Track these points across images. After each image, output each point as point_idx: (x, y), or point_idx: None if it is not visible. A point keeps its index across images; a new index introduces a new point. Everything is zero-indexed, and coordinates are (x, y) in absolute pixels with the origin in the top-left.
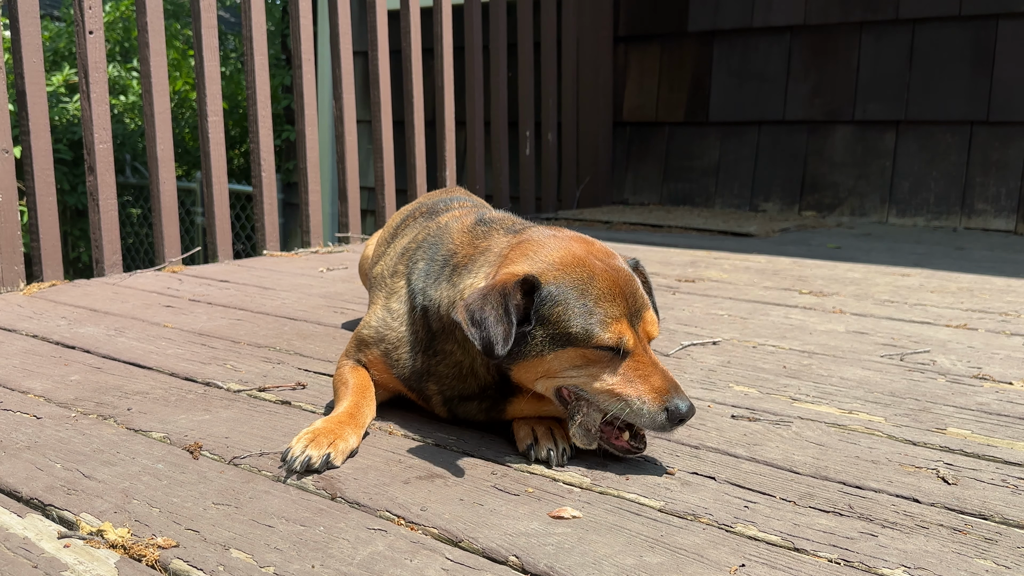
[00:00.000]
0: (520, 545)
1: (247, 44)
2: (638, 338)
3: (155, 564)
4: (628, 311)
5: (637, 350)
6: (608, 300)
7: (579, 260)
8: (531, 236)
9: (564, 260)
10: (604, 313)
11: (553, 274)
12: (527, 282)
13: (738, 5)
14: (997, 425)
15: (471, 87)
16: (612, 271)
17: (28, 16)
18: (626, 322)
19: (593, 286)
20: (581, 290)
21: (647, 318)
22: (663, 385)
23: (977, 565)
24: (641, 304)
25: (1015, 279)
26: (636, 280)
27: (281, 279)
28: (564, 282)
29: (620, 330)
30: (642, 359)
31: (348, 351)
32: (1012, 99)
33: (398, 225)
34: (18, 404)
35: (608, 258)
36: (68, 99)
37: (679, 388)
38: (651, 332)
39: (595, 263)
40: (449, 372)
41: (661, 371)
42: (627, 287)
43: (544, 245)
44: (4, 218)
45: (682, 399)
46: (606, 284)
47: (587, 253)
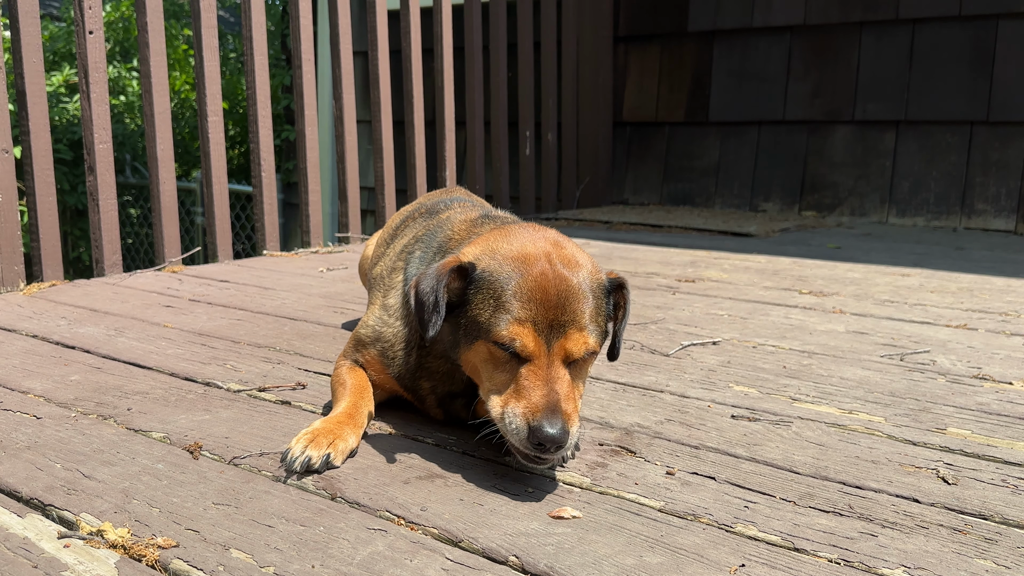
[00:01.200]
0: (520, 545)
1: (247, 44)
2: (547, 350)
3: (155, 564)
4: (544, 318)
5: (538, 360)
6: (525, 301)
7: (523, 256)
8: (507, 227)
9: (510, 252)
10: (514, 311)
11: (490, 262)
12: (463, 267)
13: (738, 5)
14: (997, 425)
15: (471, 87)
16: (551, 277)
17: (28, 16)
18: (531, 327)
19: (519, 283)
20: (505, 283)
21: (571, 335)
22: (540, 403)
23: (977, 565)
24: (568, 319)
25: (1015, 279)
26: (581, 296)
27: (281, 279)
28: (495, 272)
29: (518, 332)
30: (538, 372)
31: (346, 351)
32: (1012, 99)
33: (398, 225)
34: (18, 404)
35: (563, 266)
36: (68, 99)
37: (557, 411)
38: (570, 350)
39: (539, 264)
40: (439, 367)
41: (550, 388)
42: (558, 296)
43: (508, 236)
44: (4, 218)
45: (552, 423)
46: (533, 285)
47: (540, 253)
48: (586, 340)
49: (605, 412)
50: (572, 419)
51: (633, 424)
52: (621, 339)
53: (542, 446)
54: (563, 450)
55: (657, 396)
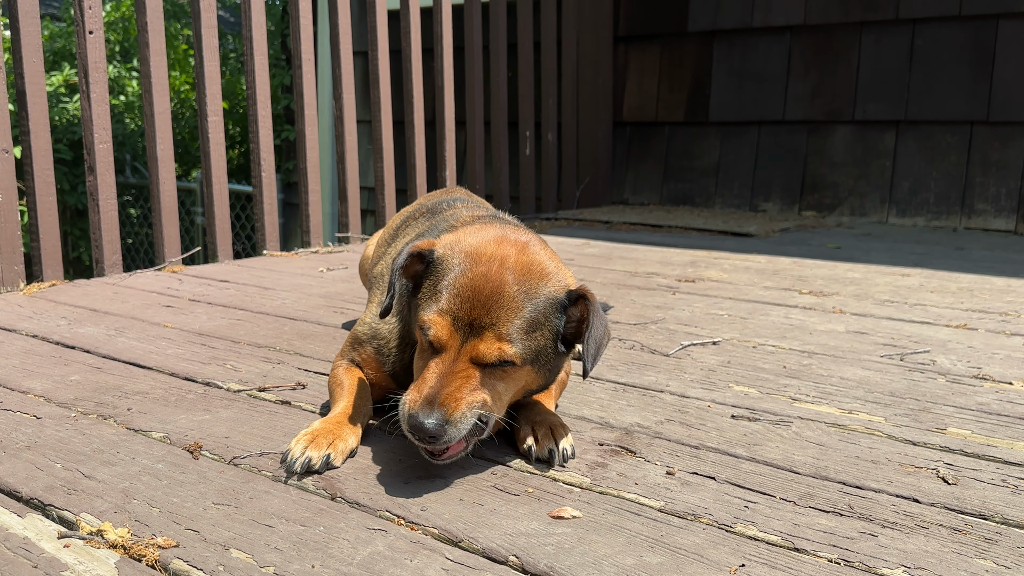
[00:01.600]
0: (520, 545)
1: (247, 44)
2: (458, 345)
3: (155, 564)
4: (465, 315)
5: (446, 353)
6: (454, 295)
7: (477, 253)
8: (488, 224)
9: (467, 246)
10: (442, 301)
11: (447, 251)
12: (421, 252)
13: (738, 5)
14: (997, 425)
15: (471, 87)
16: (490, 278)
17: (28, 16)
18: (448, 320)
19: (457, 276)
20: (447, 273)
21: (486, 338)
22: (425, 392)
23: (977, 565)
24: (490, 322)
25: (1015, 279)
26: (515, 304)
27: (281, 279)
28: (446, 261)
29: (435, 321)
30: (440, 365)
31: (343, 351)
32: (1012, 99)
33: (399, 226)
34: (18, 404)
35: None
36: (68, 99)
37: (434, 402)
38: (480, 351)
39: (488, 263)
40: None
41: (441, 381)
42: (488, 298)
43: (480, 232)
44: (4, 218)
45: (426, 414)
46: (468, 281)
47: (497, 254)
48: (501, 347)
49: (605, 412)
50: (455, 409)
51: (633, 424)
52: (591, 355)
53: (415, 434)
54: (439, 442)
55: (657, 396)
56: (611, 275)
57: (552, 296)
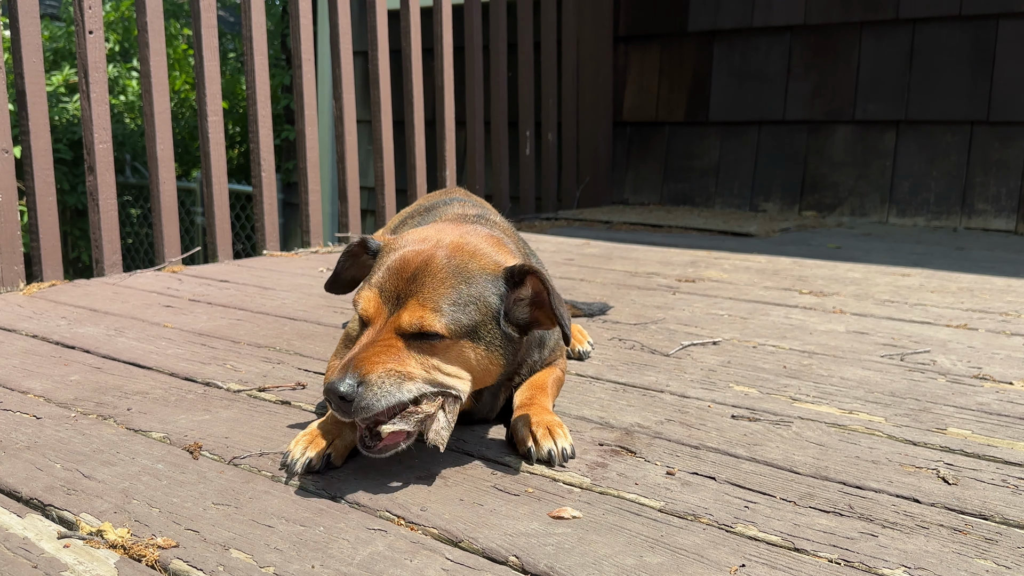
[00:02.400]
0: (520, 545)
1: (247, 44)
2: (385, 318)
3: (155, 564)
4: (392, 288)
5: (372, 326)
6: (385, 269)
7: (416, 238)
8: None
9: (411, 235)
10: (373, 278)
11: (391, 241)
12: (366, 241)
13: (738, 5)
14: (997, 425)
15: (471, 87)
16: (419, 254)
17: (28, 16)
18: (375, 292)
19: (391, 255)
20: (384, 256)
21: (408, 306)
22: (346, 361)
23: (977, 565)
24: (412, 291)
25: (1015, 279)
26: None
27: (281, 279)
28: (387, 247)
29: (363, 295)
30: (365, 337)
31: (337, 350)
32: (1012, 99)
33: (396, 226)
34: (18, 404)
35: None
36: (68, 99)
37: (349, 366)
38: (402, 319)
39: (423, 244)
40: None
41: (361, 350)
42: (415, 270)
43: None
44: (4, 218)
45: (339, 378)
46: (398, 257)
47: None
48: (423, 315)
49: (605, 412)
50: (369, 371)
51: (633, 424)
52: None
53: (329, 400)
54: (355, 405)
55: (657, 396)
56: (611, 275)
57: (486, 271)
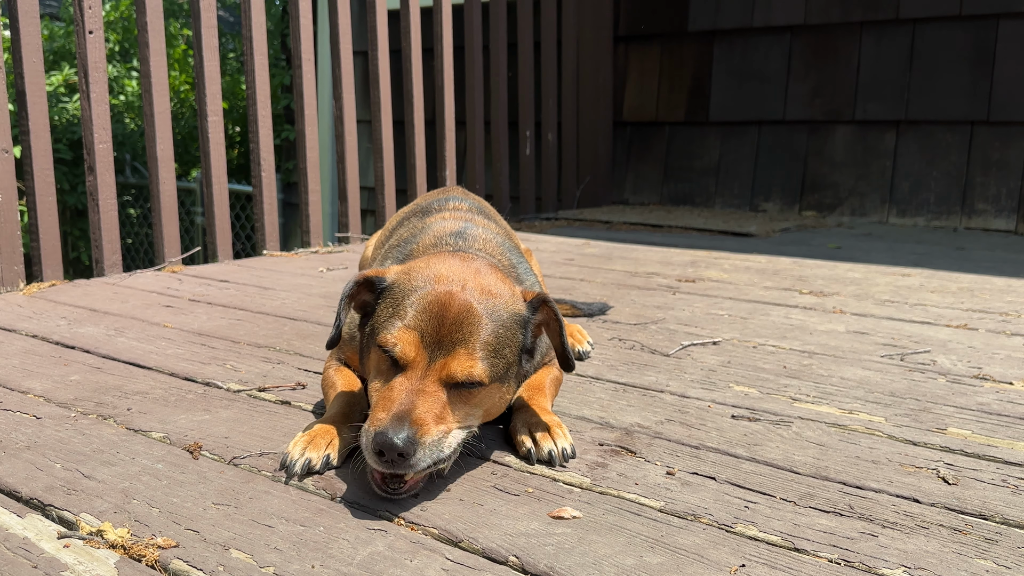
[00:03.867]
0: (520, 545)
1: (247, 44)
2: (427, 363)
3: (155, 564)
4: (433, 332)
5: (413, 372)
6: (420, 311)
7: (435, 276)
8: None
9: (424, 271)
10: (406, 317)
11: (402, 276)
12: (369, 280)
13: (738, 5)
14: (997, 425)
15: (471, 87)
16: (455, 296)
17: (28, 16)
18: (416, 336)
19: (421, 295)
20: (409, 293)
21: (457, 354)
22: (398, 411)
23: (977, 565)
24: (460, 339)
25: (1015, 279)
26: (482, 322)
27: (281, 279)
28: (403, 284)
29: (401, 336)
30: (407, 383)
31: (332, 352)
32: (1012, 99)
33: (395, 226)
34: (18, 404)
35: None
36: (68, 99)
37: (405, 418)
38: (452, 369)
39: (448, 284)
40: None
41: (410, 399)
42: (456, 315)
43: (434, 260)
44: (4, 218)
45: (396, 430)
46: (432, 299)
47: (455, 277)
48: (472, 365)
49: (605, 412)
50: (426, 432)
51: (633, 424)
52: (568, 349)
53: (381, 454)
54: (408, 462)
55: (657, 396)
56: (611, 275)
57: (516, 314)
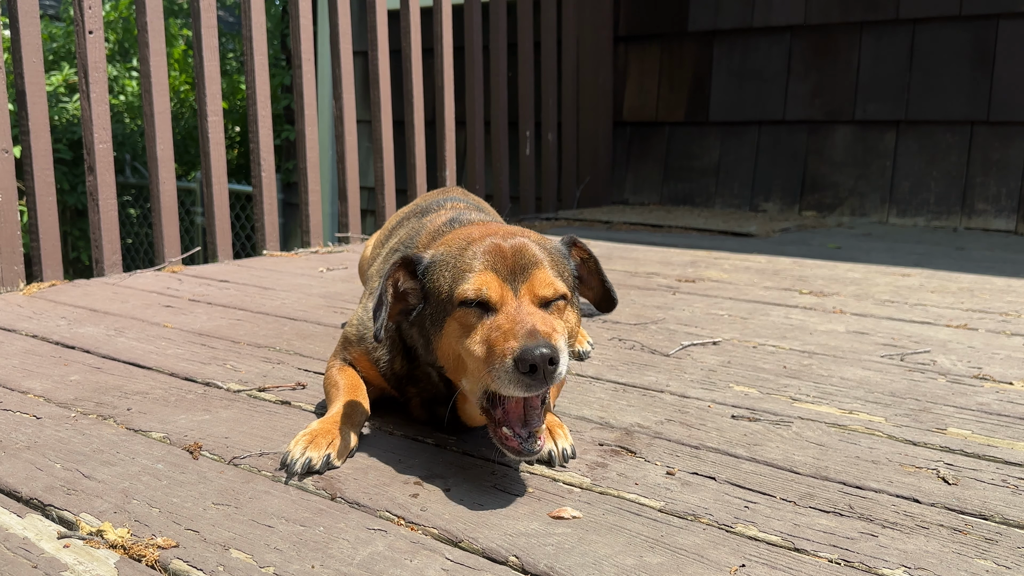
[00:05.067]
0: (520, 545)
1: (247, 44)
2: (515, 294)
3: (155, 564)
4: (504, 266)
5: (507, 305)
6: (482, 256)
7: (465, 235)
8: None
9: (457, 237)
10: (475, 267)
11: (441, 250)
12: (407, 261)
13: (738, 5)
14: (997, 425)
15: (471, 87)
16: (502, 240)
17: (28, 16)
18: (492, 274)
19: (473, 249)
20: (459, 254)
21: (536, 275)
22: (518, 331)
23: (977, 565)
24: (529, 262)
25: (1015, 279)
26: (534, 248)
27: (281, 279)
28: (446, 253)
29: (481, 280)
30: (513, 315)
31: (336, 351)
32: (1012, 99)
33: (394, 226)
34: (18, 404)
35: (502, 236)
36: (68, 99)
37: (536, 332)
38: (537, 289)
39: (479, 237)
40: (427, 376)
41: (524, 320)
42: (513, 249)
43: (459, 231)
44: (4, 218)
45: (535, 343)
46: (486, 248)
47: (487, 233)
48: (552, 280)
49: (605, 412)
50: (555, 338)
51: (633, 424)
52: (610, 283)
53: (533, 370)
54: (557, 368)
55: (657, 396)
56: (611, 275)
57: (552, 245)
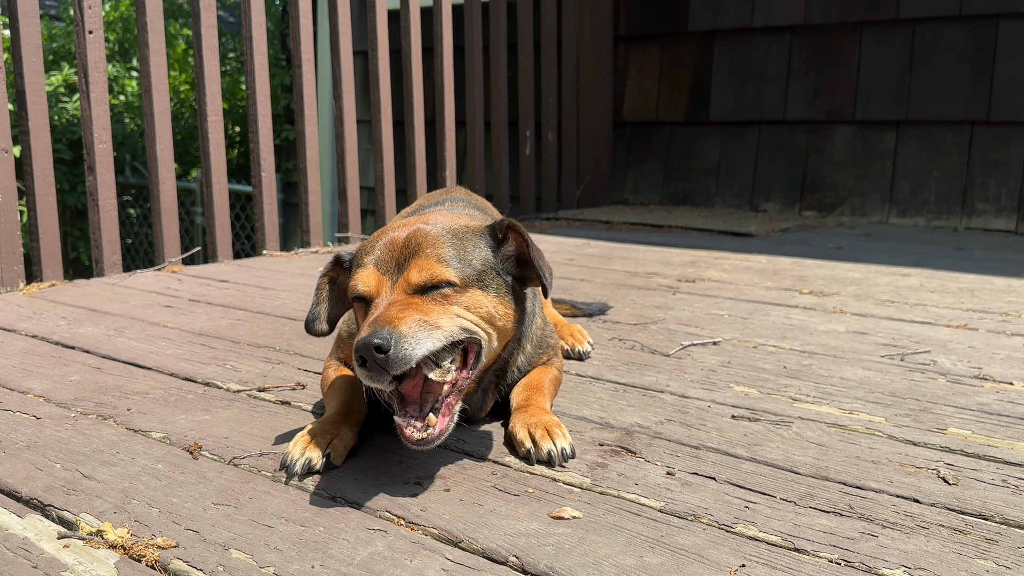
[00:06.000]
0: (520, 545)
1: (247, 44)
2: (390, 285)
3: (155, 564)
4: (389, 259)
5: (379, 296)
6: (371, 251)
7: (385, 228)
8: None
9: (381, 230)
10: (360, 264)
11: (362, 243)
12: (337, 259)
13: (738, 5)
14: (998, 425)
15: (471, 87)
16: (404, 231)
17: (28, 16)
18: (372, 268)
19: (371, 242)
20: (363, 248)
21: (412, 264)
22: (367, 324)
23: (977, 565)
24: (412, 252)
25: (1015, 279)
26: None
27: (281, 279)
28: (362, 247)
29: (359, 276)
30: (376, 306)
31: (332, 351)
32: (1012, 99)
33: None
34: (18, 404)
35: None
36: (68, 99)
37: (376, 321)
38: (410, 277)
39: (393, 227)
40: None
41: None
42: (406, 241)
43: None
44: (4, 218)
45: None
46: (383, 239)
47: (400, 224)
48: (430, 266)
49: (605, 412)
50: (399, 323)
51: (633, 424)
52: (541, 268)
53: (363, 362)
54: (390, 356)
55: (657, 396)
56: (611, 275)
57: (472, 230)
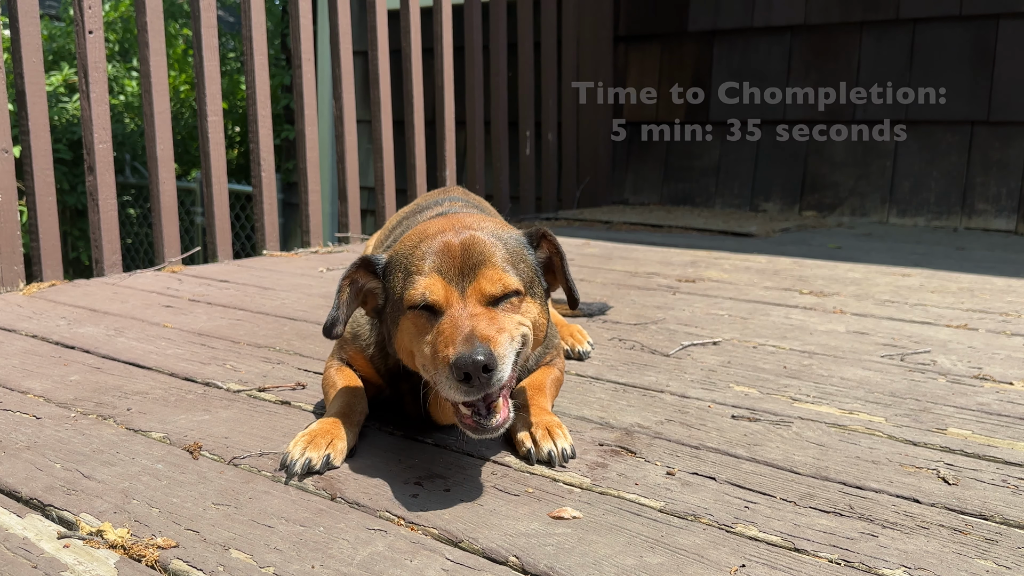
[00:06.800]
0: (520, 545)
1: (247, 44)
2: (461, 294)
3: (155, 564)
4: (451, 267)
5: (452, 308)
6: (429, 257)
7: (425, 231)
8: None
9: (415, 234)
10: (421, 269)
11: (397, 247)
12: (365, 262)
13: (738, 5)
14: (998, 425)
15: (471, 87)
16: (454, 234)
17: (28, 16)
18: (437, 276)
19: (422, 247)
20: (410, 253)
21: (483, 274)
22: (462, 336)
23: (977, 565)
24: (477, 261)
25: (1015, 279)
26: (488, 242)
27: (281, 279)
28: (400, 251)
29: (425, 284)
30: (455, 319)
31: (333, 351)
32: (1012, 99)
33: (393, 226)
34: (18, 404)
35: (467, 227)
36: (68, 99)
37: (473, 337)
38: (484, 288)
39: (442, 232)
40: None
41: (467, 323)
42: (463, 246)
43: (422, 224)
44: (4, 218)
45: (471, 348)
46: (436, 245)
47: (444, 226)
48: (501, 276)
49: (605, 412)
50: (496, 342)
51: (633, 424)
52: (572, 281)
53: (467, 379)
54: (495, 375)
55: (657, 396)
56: (611, 275)
57: (515, 236)
